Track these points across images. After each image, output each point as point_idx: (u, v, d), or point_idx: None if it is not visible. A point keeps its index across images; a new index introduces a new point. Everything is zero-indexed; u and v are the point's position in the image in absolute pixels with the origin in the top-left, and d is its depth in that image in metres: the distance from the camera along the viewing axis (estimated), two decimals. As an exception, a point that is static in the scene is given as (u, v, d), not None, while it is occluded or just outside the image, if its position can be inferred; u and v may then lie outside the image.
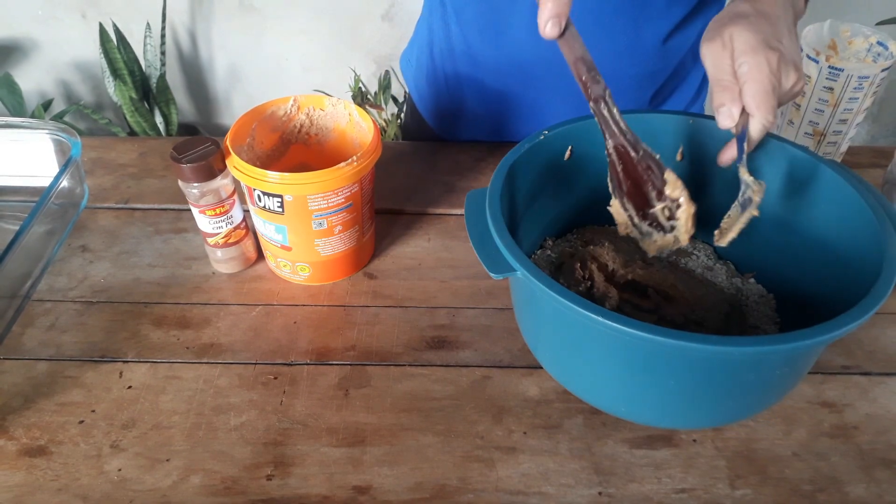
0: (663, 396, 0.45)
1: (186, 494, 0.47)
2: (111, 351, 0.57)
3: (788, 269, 0.55)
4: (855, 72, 0.63)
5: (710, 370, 0.43)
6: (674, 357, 0.42)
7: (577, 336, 0.46)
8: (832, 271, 0.50)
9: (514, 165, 0.52)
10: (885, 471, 0.49)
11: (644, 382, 0.45)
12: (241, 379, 0.55)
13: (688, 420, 0.50)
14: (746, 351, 0.38)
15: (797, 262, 0.54)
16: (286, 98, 0.65)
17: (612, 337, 0.40)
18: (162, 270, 0.65)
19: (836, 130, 0.69)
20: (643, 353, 0.42)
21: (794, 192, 0.54)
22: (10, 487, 0.48)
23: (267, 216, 0.59)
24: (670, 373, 0.43)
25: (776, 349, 0.38)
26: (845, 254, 0.49)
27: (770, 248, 0.57)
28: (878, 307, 0.39)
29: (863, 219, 0.47)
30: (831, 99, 0.66)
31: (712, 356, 0.40)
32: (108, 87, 1.71)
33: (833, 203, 0.50)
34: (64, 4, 1.72)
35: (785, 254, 0.55)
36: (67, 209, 0.68)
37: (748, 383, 0.44)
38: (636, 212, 0.52)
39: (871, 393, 0.54)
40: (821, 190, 0.51)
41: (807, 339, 0.38)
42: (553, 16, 0.43)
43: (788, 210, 0.55)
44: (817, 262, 0.52)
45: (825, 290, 0.50)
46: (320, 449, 0.50)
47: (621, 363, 0.45)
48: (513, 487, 0.48)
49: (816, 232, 0.52)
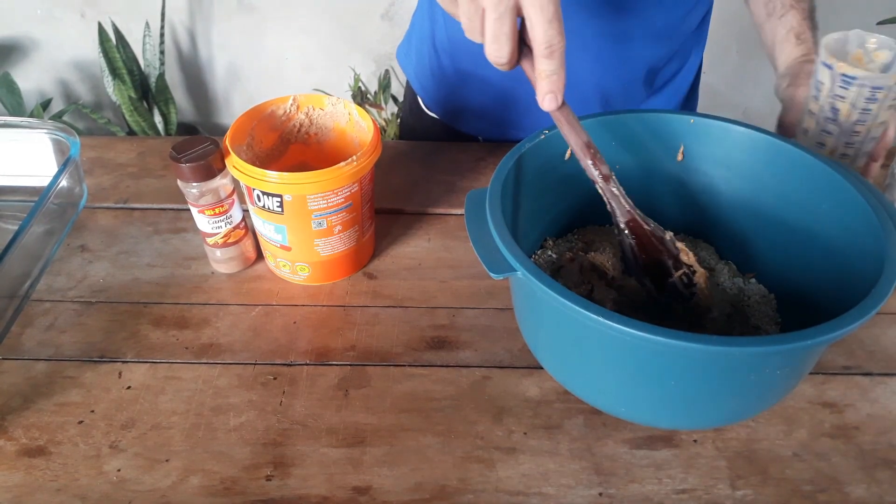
0: (663, 397, 0.45)
1: (186, 495, 0.47)
2: (110, 351, 0.57)
3: (789, 270, 0.55)
4: (868, 81, 0.62)
5: (709, 371, 0.42)
6: (673, 358, 0.42)
7: (576, 336, 0.46)
8: (833, 271, 0.50)
9: (515, 165, 0.52)
10: (886, 471, 0.49)
11: (644, 383, 0.45)
12: (241, 379, 0.55)
13: (688, 421, 0.49)
14: (746, 351, 0.38)
15: (798, 262, 0.54)
16: (285, 97, 0.65)
17: (612, 337, 0.40)
18: (161, 270, 0.65)
19: (848, 143, 0.67)
20: (643, 354, 0.42)
21: (795, 191, 0.54)
22: (9, 488, 0.48)
23: (266, 216, 0.58)
24: (670, 373, 0.43)
25: (776, 349, 0.38)
26: (846, 253, 0.49)
27: (771, 248, 0.57)
28: (879, 308, 0.39)
29: (863, 218, 0.47)
30: (843, 109, 0.65)
31: (712, 357, 0.40)
32: (107, 87, 1.71)
33: (834, 202, 0.50)
34: (63, 4, 1.72)
35: (786, 254, 0.55)
36: (66, 209, 0.68)
37: (748, 384, 0.44)
38: (654, 286, 0.53)
39: (872, 393, 0.54)
40: (821, 189, 0.51)
41: (807, 339, 0.38)
42: (548, 92, 0.45)
43: (789, 210, 0.54)
44: (818, 261, 0.52)
45: (826, 290, 0.50)
46: (320, 449, 0.50)
47: (621, 363, 0.44)
48: (513, 488, 0.48)
49: (817, 232, 0.52)
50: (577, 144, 0.49)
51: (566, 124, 0.48)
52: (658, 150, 0.58)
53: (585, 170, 0.50)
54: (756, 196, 0.57)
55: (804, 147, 0.53)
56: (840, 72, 0.63)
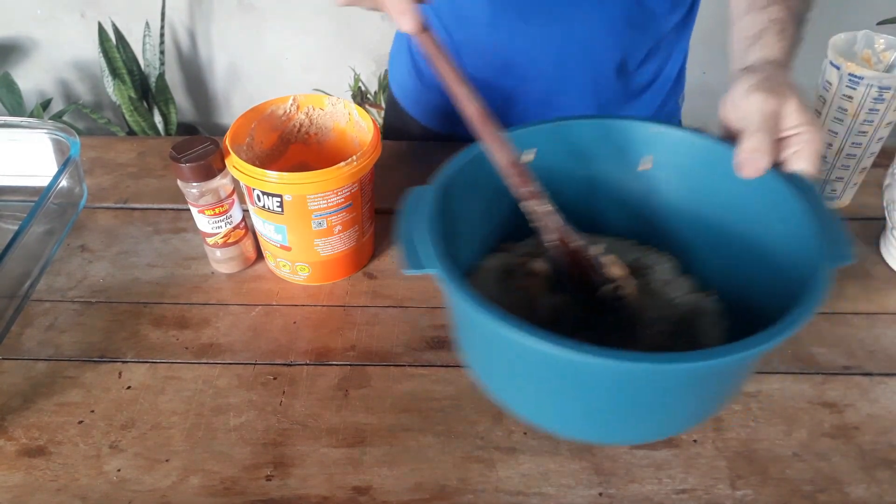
0: (564, 407, 0.44)
1: (186, 495, 0.47)
2: (110, 351, 0.57)
3: (743, 285, 0.52)
4: (875, 81, 0.62)
5: (608, 385, 0.41)
6: (556, 367, 0.40)
7: (484, 337, 0.44)
8: (781, 286, 0.46)
9: (468, 165, 0.50)
10: (885, 471, 0.49)
11: (541, 388, 0.44)
12: (241, 379, 0.55)
13: (607, 435, 0.48)
14: (630, 367, 0.36)
15: (751, 277, 0.51)
16: (285, 97, 0.65)
17: (512, 341, 0.38)
18: (161, 270, 0.65)
19: (855, 143, 0.67)
20: (533, 359, 0.41)
21: (750, 203, 0.50)
22: (10, 488, 0.48)
23: (266, 216, 0.58)
24: (556, 381, 0.42)
25: (667, 368, 0.36)
26: (794, 268, 0.45)
27: (727, 261, 0.54)
28: (793, 330, 0.38)
29: (809, 240, 0.44)
30: (850, 108, 0.65)
31: (603, 371, 0.38)
32: (107, 87, 1.71)
33: (782, 220, 0.47)
34: (63, 4, 1.72)
35: (738, 268, 0.52)
36: (66, 209, 0.68)
37: (649, 401, 0.42)
38: (586, 300, 0.52)
39: (872, 393, 0.54)
40: (777, 207, 0.48)
41: (687, 361, 0.36)
42: (400, 13, 0.44)
43: (741, 221, 0.52)
44: (768, 276, 0.49)
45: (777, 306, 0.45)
46: (320, 449, 0.50)
47: (514, 364, 0.43)
48: (513, 488, 0.48)
49: (766, 244, 0.50)
50: (502, 162, 0.48)
51: (493, 142, 0.48)
52: (612, 158, 0.55)
53: (511, 188, 0.49)
54: (706, 206, 0.54)
55: None
56: (848, 72, 0.63)
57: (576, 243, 0.50)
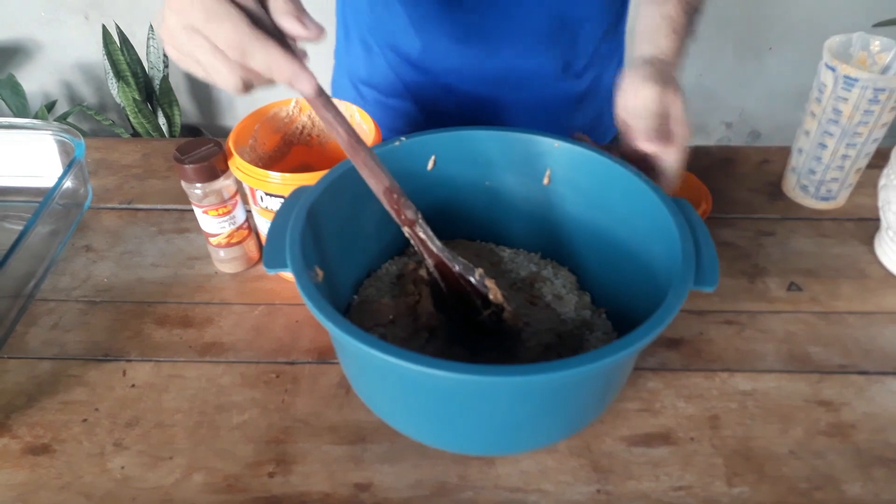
0: (410, 413, 0.45)
1: (189, 492, 0.48)
2: (114, 350, 0.58)
3: (631, 305, 0.51)
4: (870, 83, 0.62)
5: (463, 398, 0.42)
6: (419, 382, 0.41)
7: (335, 338, 0.44)
8: (660, 295, 0.44)
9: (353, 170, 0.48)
10: (881, 469, 0.49)
11: (395, 396, 0.44)
12: (244, 378, 0.56)
13: (478, 446, 0.48)
14: (465, 379, 0.36)
15: (639, 301, 0.49)
16: (288, 100, 0.65)
17: (359, 350, 0.38)
18: (165, 270, 0.66)
19: (850, 144, 0.67)
20: (385, 369, 0.41)
21: (638, 226, 0.51)
22: (14, 486, 0.48)
23: (269, 216, 0.59)
24: (419, 395, 0.42)
25: (506, 381, 0.36)
26: (665, 294, 0.43)
27: (623, 281, 0.53)
28: (644, 343, 0.38)
29: (678, 264, 0.44)
30: (846, 110, 0.65)
31: (454, 384, 0.39)
32: (112, 89, 1.72)
33: (662, 242, 0.47)
34: (67, 6, 1.73)
35: (630, 289, 0.52)
36: (71, 209, 0.69)
37: (478, 412, 0.42)
38: (464, 322, 0.52)
39: (868, 392, 0.54)
40: (660, 229, 0.47)
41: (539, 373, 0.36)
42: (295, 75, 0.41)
43: (634, 244, 0.52)
44: (653, 301, 0.44)
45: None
46: (322, 447, 0.51)
47: (363, 367, 0.44)
48: (512, 485, 0.48)
49: (651, 270, 0.49)
50: (378, 190, 0.47)
51: (365, 168, 0.46)
52: (514, 170, 0.54)
53: (390, 213, 0.48)
54: (601, 222, 0.54)
55: (637, 172, 0.50)
56: (843, 74, 0.63)
57: (455, 269, 0.50)
